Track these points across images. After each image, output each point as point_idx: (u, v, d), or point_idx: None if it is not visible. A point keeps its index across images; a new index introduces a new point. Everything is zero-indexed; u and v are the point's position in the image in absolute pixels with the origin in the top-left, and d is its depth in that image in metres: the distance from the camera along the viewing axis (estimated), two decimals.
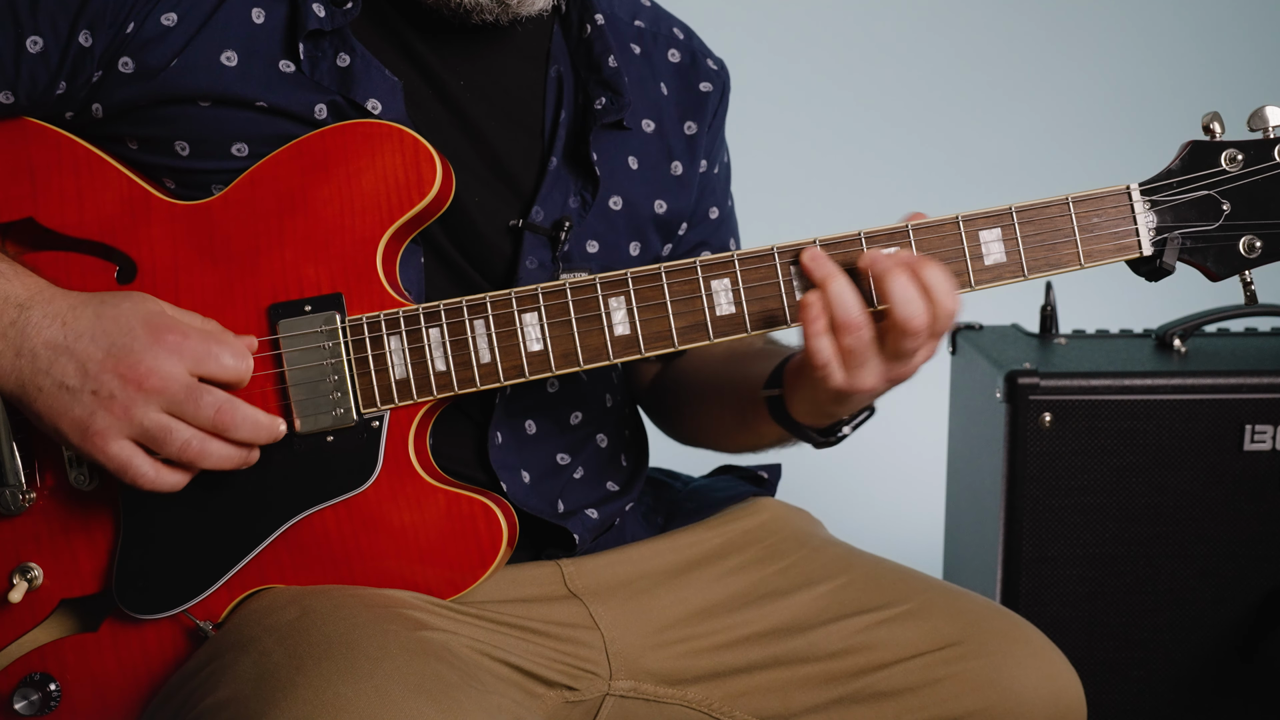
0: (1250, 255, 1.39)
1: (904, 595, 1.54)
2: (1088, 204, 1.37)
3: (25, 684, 1.39)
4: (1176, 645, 2.20)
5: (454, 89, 1.48)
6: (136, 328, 1.30)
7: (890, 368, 1.34)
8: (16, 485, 1.38)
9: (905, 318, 1.30)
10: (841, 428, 1.47)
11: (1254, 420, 2.16)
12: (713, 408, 1.63)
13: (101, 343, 1.30)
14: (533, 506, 1.49)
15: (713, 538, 1.59)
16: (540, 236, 1.49)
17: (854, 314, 1.31)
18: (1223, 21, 3.70)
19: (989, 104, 3.71)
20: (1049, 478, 2.17)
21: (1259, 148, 1.38)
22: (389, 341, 1.38)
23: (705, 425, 1.68)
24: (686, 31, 1.69)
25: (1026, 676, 1.48)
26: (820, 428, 1.47)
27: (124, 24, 1.37)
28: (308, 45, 1.41)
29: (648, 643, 1.50)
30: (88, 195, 1.40)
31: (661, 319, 1.38)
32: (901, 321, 1.31)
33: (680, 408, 1.70)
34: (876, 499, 3.38)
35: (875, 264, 1.33)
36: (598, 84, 1.54)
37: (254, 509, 1.38)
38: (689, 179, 1.63)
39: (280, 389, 1.38)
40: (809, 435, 1.48)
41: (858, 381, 1.34)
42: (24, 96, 1.38)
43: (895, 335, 1.32)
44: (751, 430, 1.57)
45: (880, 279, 1.32)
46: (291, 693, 1.20)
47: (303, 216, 1.39)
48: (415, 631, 1.32)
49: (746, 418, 1.56)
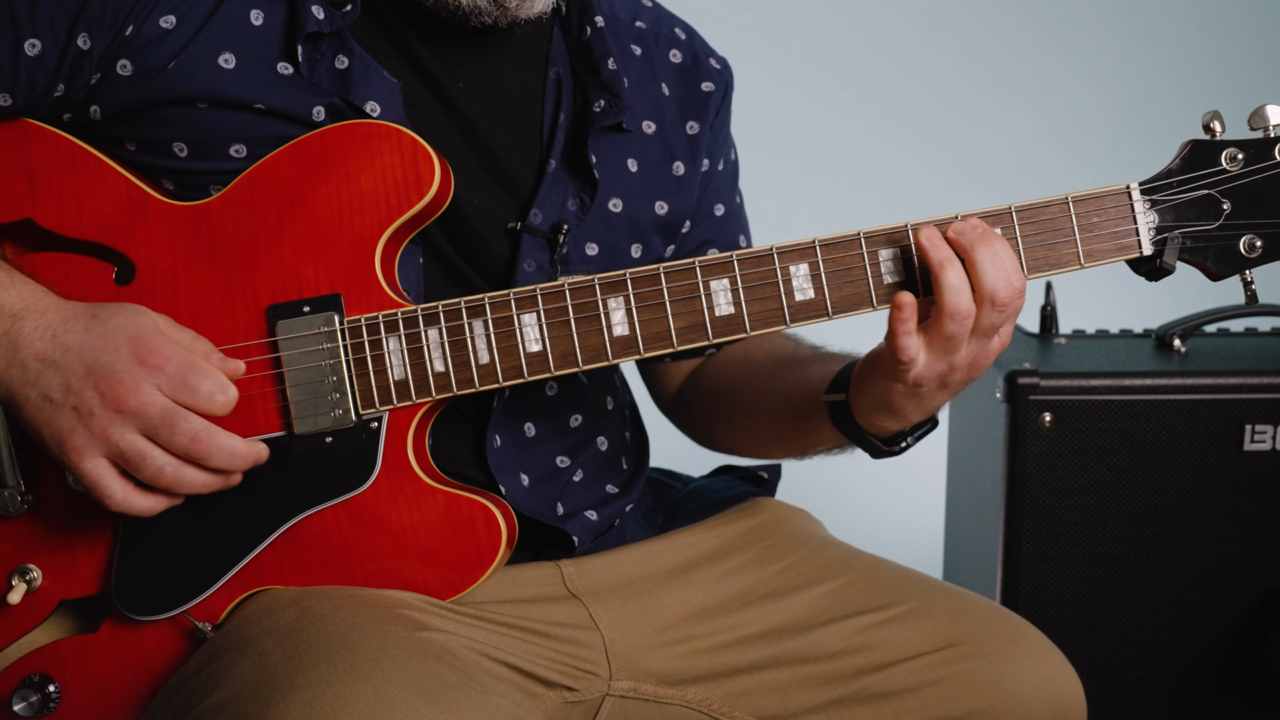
0: (1251, 255, 1.39)
1: (904, 596, 1.54)
2: (1088, 203, 1.37)
3: (24, 685, 1.39)
4: (1176, 645, 2.20)
5: (453, 91, 1.48)
6: (122, 346, 1.30)
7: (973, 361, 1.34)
8: (15, 487, 1.38)
9: (992, 287, 1.30)
10: (904, 438, 1.46)
11: (1254, 420, 2.15)
12: (764, 415, 1.61)
13: (86, 359, 1.30)
14: (531, 509, 1.48)
15: (713, 538, 1.59)
16: (538, 239, 1.49)
17: (965, 305, 1.31)
18: (1223, 21, 3.70)
19: (989, 104, 3.71)
20: (1049, 478, 2.17)
21: (1259, 147, 1.37)
22: (388, 342, 1.38)
23: (755, 433, 1.65)
24: (689, 31, 1.68)
25: (1027, 677, 1.48)
26: (882, 437, 1.46)
27: (122, 27, 1.37)
28: (306, 47, 1.41)
29: (648, 643, 1.50)
30: (86, 196, 1.40)
31: (660, 319, 1.38)
32: (990, 291, 1.31)
33: (727, 416, 1.67)
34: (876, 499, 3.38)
35: (962, 236, 1.32)
36: (596, 87, 1.53)
37: (253, 510, 1.38)
38: (691, 179, 1.63)
39: (279, 390, 1.38)
40: (871, 443, 1.47)
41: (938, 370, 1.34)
42: (22, 99, 1.38)
43: (983, 308, 1.32)
44: (809, 435, 1.55)
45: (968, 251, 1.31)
46: (290, 694, 1.20)
47: (301, 217, 1.39)
48: (414, 632, 1.32)
49: (805, 423, 1.54)
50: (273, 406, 1.38)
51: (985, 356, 1.36)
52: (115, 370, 1.29)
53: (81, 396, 1.29)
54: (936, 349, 1.33)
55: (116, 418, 1.29)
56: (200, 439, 1.30)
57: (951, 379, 1.36)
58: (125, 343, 1.30)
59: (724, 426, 1.69)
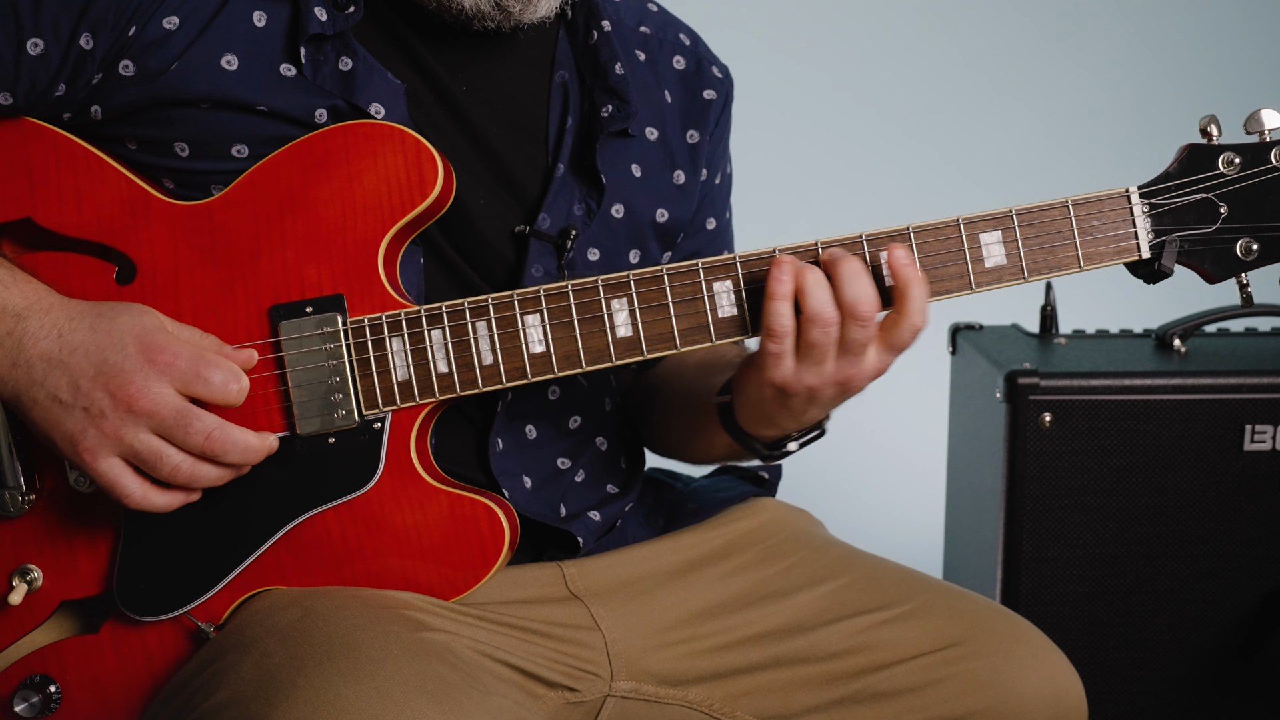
0: (1247, 258, 1.39)
1: (905, 596, 1.54)
2: (1087, 207, 1.38)
3: (25, 686, 1.39)
4: (1176, 645, 2.20)
5: (457, 94, 1.48)
6: (129, 345, 1.30)
7: (840, 368, 1.35)
8: (16, 487, 1.38)
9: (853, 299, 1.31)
10: (788, 443, 1.47)
11: (1254, 420, 2.16)
12: (673, 415, 1.63)
13: (94, 358, 1.29)
14: (535, 511, 1.49)
15: (713, 538, 1.59)
16: (545, 244, 1.49)
17: (830, 310, 1.31)
18: (1222, 23, 3.70)
19: (989, 104, 3.71)
20: (1049, 478, 2.17)
21: (1256, 151, 1.38)
22: (390, 343, 1.38)
23: (666, 432, 1.66)
24: (693, 37, 1.68)
25: (1027, 677, 1.48)
26: (766, 440, 1.47)
27: (125, 27, 1.36)
28: (309, 49, 1.41)
29: (649, 643, 1.50)
30: (86, 195, 1.39)
31: (664, 320, 1.38)
32: (850, 303, 1.31)
33: (647, 415, 1.68)
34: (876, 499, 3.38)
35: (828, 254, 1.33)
36: (604, 91, 1.53)
37: (255, 510, 1.38)
38: (690, 188, 1.63)
39: (281, 390, 1.38)
40: (754, 446, 1.48)
41: (805, 377, 1.34)
42: (23, 98, 1.38)
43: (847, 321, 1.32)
44: (704, 437, 1.56)
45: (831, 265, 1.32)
46: (293, 694, 1.20)
47: (304, 217, 1.39)
48: (417, 632, 1.32)
49: (701, 426, 1.55)
50: (275, 407, 1.38)
51: (858, 378, 1.36)
52: (125, 370, 1.29)
53: (92, 397, 1.29)
54: (803, 356, 1.33)
55: (129, 418, 1.29)
56: (215, 437, 1.31)
57: (821, 395, 1.36)
58: (133, 341, 1.30)
59: (646, 423, 1.69)
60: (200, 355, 1.32)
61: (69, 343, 1.30)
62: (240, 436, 1.32)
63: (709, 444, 1.58)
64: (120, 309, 1.33)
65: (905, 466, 3.38)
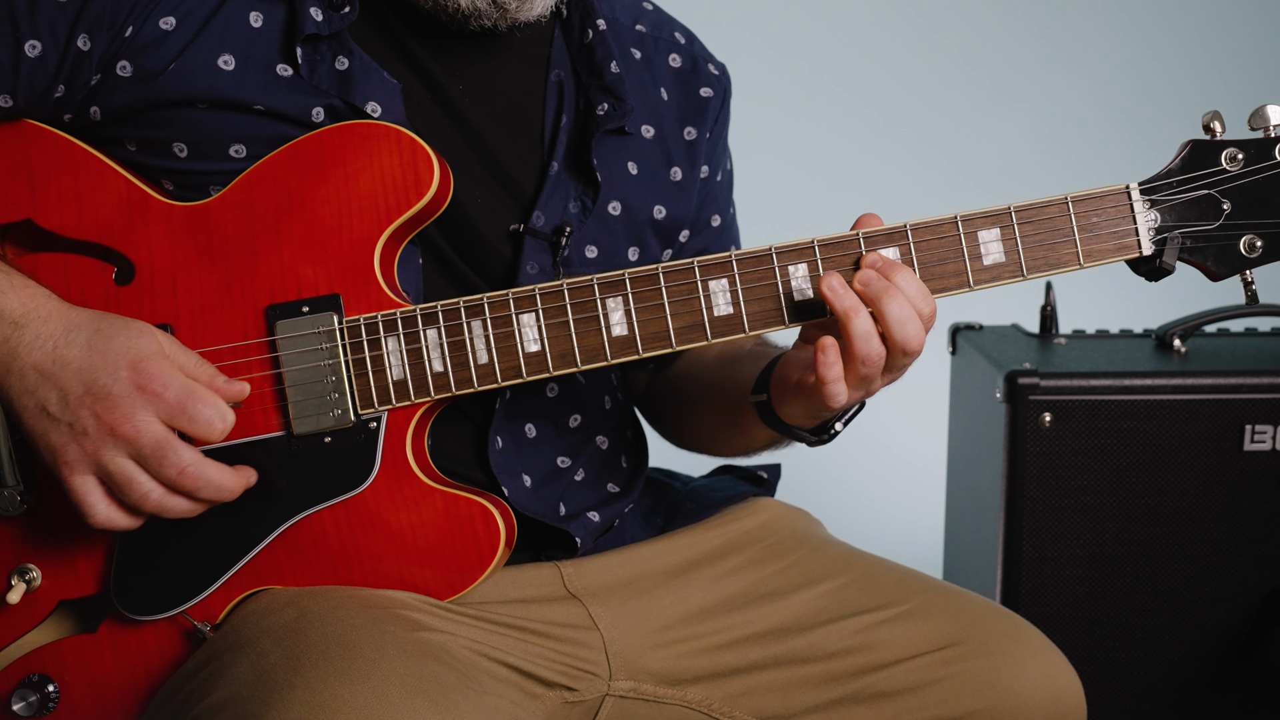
0: (1251, 255, 1.39)
1: (904, 595, 1.54)
2: (1087, 203, 1.37)
3: (24, 685, 1.39)
4: (1176, 645, 2.20)
5: (453, 93, 1.48)
6: (122, 369, 1.30)
7: (889, 379, 1.37)
8: (15, 487, 1.38)
9: (903, 339, 1.32)
10: (833, 425, 1.47)
11: (1254, 420, 2.16)
12: (706, 412, 1.63)
13: (85, 378, 1.29)
14: (534, 510, 1.48)
15: (712, 538, 1.59)
16: (541, 241, 1.49)
17: (876, 350, 1.32)
18: (1223, 21, 3.70)
19: (989, 104, 3.71)
20: (1049, 478, 2.17)
21: (1259, 147, 1.37)
22: (386, 342, 1.38)
23: (700, 430, 1.68)
24: (689, 36, 1.68)
25: (1027, 676, 1.48)
26: (811, 428, 1.48)
27: (122, 28, 1.37)
28: (306, 49, 1.41)
29: (647, 643, 1.50)
30: (86, 197, 1.40)
31: (659, 319, 1.38)
32: (901, 343, 1.32)
33: (677, 413, 1.70)
34: (876, 499, 3.38)
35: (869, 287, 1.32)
36: (599, 89, 1.53)
37: (252, 510, 1.38)
38: (689, 185, 1.63)
39: (278, 390, 1.38)
40: (802, 436, 1.49)
41: (859, 396, 1.36)
42: (22, 100, 1.38)
43: (895, 354, 1.34)
44: (744, 433, 1.58)
45: (876, 302, 1.32)
46: (289, 694, 1.20)
47: (300, 217, 1.39)
48: (413, 632, 1.32)
49: (738, 421, 1.56)
50: (271, 406, 1.38)
51: (903, 369, 1.37)
52: (113, 395, 1.29)
53: (78, 415, 1.29)
54: (853, 383, 1.35)
55: (109, 440, 1.29)
56: (188, 473, 1.31)
57: (871, 389, 1.38)
58: (125, 366, 1.30)
59: (677, 421, 1.71)
60: (190, 390, 1.31)
61: (62, 357, 1.30)
62: (215, 475, 1.32)
63: (750, 439, 1.59)
64: (120, 327, 1.32)
65: (905, 466, 3.38)
